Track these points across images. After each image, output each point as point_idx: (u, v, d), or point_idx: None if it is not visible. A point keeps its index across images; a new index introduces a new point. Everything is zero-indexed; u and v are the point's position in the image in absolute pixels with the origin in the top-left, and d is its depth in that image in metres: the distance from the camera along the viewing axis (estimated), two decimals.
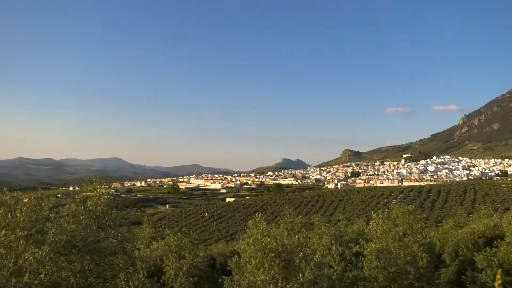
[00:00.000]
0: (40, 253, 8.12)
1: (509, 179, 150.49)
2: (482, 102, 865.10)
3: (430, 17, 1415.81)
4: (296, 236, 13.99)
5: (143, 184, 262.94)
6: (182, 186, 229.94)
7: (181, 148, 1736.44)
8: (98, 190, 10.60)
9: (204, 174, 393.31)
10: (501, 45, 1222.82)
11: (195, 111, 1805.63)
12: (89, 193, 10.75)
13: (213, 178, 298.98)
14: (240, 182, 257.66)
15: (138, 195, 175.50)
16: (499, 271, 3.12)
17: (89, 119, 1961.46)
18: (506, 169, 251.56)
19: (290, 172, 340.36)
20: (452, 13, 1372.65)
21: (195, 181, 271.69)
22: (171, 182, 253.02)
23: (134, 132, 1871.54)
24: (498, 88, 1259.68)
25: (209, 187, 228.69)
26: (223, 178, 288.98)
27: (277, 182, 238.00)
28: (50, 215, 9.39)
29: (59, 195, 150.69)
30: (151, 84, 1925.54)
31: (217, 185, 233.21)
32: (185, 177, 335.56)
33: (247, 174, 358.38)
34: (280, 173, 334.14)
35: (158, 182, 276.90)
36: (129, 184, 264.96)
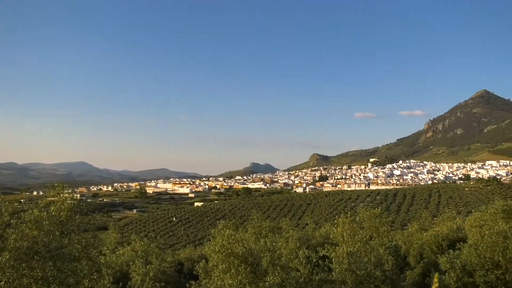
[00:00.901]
0: (0, 260, 7.88)
1: (471, 183, 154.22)
2: (446, 107, 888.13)
3: (395, 26, 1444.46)
4: (262, 240, 13.99)
5: (109, 188, 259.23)
6: (149, 190, 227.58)
7: (149, 152, 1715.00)
8: (62, 195, 10.34)
9: (172, 179, 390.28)
10: (465, 53, 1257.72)
11: (163, 115, 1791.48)
12: (53, 198, 10.48)
13: (181, 182, 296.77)
14: (209, 186, 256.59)
15: (104, 200, 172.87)
16: (436, 274, 3.18)
17: (53, 122, 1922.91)
18: (468, 173, 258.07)
19: (258, 176, 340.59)
20: (420, 21, 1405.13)
21: (163, 186, 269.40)
22: (138, 187, 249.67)
23: (100, 136, 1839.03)
24: (462, 94, 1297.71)
25: (177, 192, 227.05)
26: (192, 183, 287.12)
27: (245, 186, 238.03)
28: (12, 220, 9.13)
29: (22, 200, 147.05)
30: (117, 88, 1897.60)
31: (185, 190, 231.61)
32: (152, 181, 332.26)
33: (216, 178, 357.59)
34: (249, 177, 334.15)
35: (125, 187, 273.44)
36: (95, 189, 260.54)
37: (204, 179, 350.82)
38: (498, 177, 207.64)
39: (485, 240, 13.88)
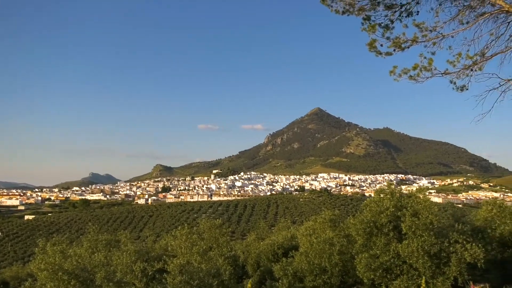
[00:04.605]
0: None
1: (306, 194, 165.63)
2: (285, 123, 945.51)
3: (240, 44, 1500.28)
4: (96, 255, 13.35)
5: None
6: None
7: None
8: None
9: None
10: (302, 71, 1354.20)
11: None
12: None
13: (10, 193, 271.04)
14: (42, 197, 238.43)
15: None
16: (250, 281, 3.34)
17: None
18: (303, 184, 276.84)
19: (98, 187, 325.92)
20: (264, 44, 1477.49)
21: None
22: None
23: None
24: (299, 111, 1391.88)
25: (4, 204, 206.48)
26: (22, 194, 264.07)
27: (83, 197, 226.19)
28: None
29: None
30: None
31: (14, 201, 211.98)
32: None
33: (51, 189, 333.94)
34: (88, 188, 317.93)
35: None
36: None
37: (36, 190, 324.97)
38: (329, 188, 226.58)
39: (314, 247, 14.92)
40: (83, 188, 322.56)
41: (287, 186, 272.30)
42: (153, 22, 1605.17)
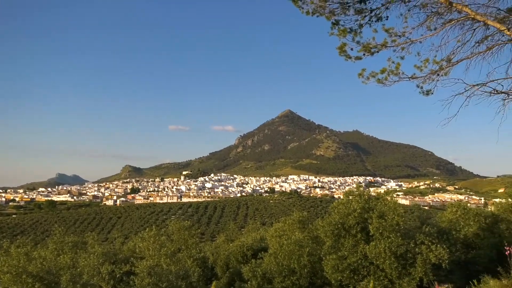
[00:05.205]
0: None
1: (276, 196, 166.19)
2: (256, 124, 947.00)
3: (198, 44, 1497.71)
4: (62, 257, 13.09)
5: None
6: None
7: None
8: None
9: None
10: (272, 74, 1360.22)
11: None
12: None
13: None
14: (6, 198, 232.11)
15: None
16: (214, 283, 3.34)
17: None
18: (274, 186, 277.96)
19: (65, 188, 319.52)
20: (229, 47, 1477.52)
21: None
22: None
23: None
24: (270, 113, 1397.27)
25: None
26: None
27: (50, 198, 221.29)
28: None
29: None
30: None
31: None
32: None
33: (15, 190, 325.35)
34: (54, 189, 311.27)
35: None
36: None
37: (0, 190, 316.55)
38: (299, 190, 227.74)
39: (283, 249, 14.99)
40: (49, 189, 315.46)
41: (257, 188, 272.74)
42: (120, 22, 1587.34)
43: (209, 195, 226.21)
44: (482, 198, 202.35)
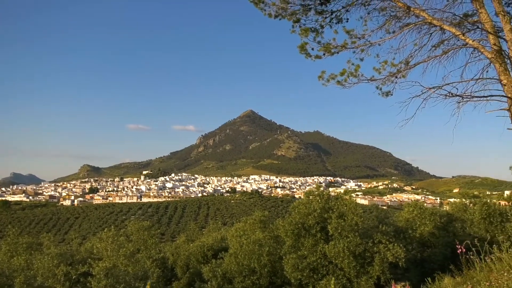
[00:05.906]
0: None
1: (237, 196, 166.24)
2: (217, 124, 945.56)
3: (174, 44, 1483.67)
4: (15, 259, 12.70)
5: None
6: None
7: None
8: None
9: None
10: (234, 76, 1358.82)
11: None
12: None
13: None
14: None
15: None
16: (148, 282, 3.29)
17: None
18: (235, 186, 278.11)
19: (20, 188, 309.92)
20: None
21: None
22: None
23: None
24: (231, 113, 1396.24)
25: None
26: None
27: (3, 198, 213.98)
28: None
29: None
30: None
31: None
32: None
33: None
34: (8, 189, 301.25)
35: None
36: None
37: None
38: (260, 190, 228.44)
39: (244, 248, 14.99)
40: (3, 189, 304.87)
41: (219, 188, 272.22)
42: (81, 20, 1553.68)
43: (169, 195, 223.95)
44: (438, 198, 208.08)
